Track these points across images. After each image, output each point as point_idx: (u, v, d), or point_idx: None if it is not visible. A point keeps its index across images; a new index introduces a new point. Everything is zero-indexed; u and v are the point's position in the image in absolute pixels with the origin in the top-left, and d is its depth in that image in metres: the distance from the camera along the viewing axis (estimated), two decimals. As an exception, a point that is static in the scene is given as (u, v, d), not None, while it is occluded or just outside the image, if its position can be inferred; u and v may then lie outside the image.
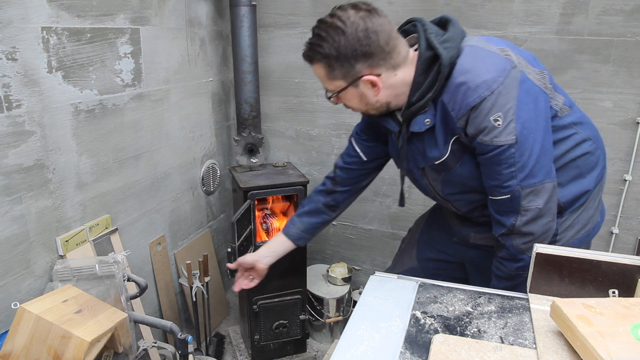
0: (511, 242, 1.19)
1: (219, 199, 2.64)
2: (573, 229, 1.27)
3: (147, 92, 1.95)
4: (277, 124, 2.64)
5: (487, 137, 1.08)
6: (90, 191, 1.72)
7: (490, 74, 1.06)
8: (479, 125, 1.08)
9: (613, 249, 2.20)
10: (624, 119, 2.03)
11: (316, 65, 1.17)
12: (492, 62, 1.08)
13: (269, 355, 2.31)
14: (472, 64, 1.09)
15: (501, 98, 1.05)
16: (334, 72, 1.15)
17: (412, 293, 1.09)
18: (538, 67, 1.17)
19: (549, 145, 1.14)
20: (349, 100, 1.22)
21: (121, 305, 1.46)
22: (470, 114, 1.08)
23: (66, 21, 1.54)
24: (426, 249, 1.59)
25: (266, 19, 2.46)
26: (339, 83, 1.17)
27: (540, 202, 1.13)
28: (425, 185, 1.35)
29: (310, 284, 2.40)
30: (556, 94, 1.19)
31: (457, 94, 1.09)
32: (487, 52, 1.11)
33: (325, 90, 1.23)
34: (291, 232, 1.59)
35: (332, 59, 1.12)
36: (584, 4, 1.95)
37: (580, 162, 1.23)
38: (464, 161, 1.19)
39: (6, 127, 1.39)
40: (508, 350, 0.87)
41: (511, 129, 1.06)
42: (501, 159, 1.10)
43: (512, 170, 1.10)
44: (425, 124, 1.17)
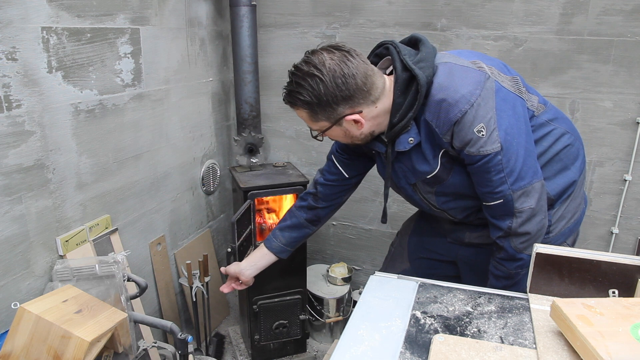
0: (509, 244, 1.22)
1: (219, 199, 2.64)
2: (564, 219, 1.32)
3: (147, 92, 1.95)
4: (277, 124, 2.64)
5: (473, 149, 1.12)
6: (90, 191, 1.72)
7: (466, 88, 1.10)
8: (464, 138, 1.12)
9: (613, 249, 2.20)
10: (624, 119, 2.03)
11: (298, 110, 1.21)
12: (466, 76, 1.12)
13: (269, 355, 2.32)
14: (448, 81, 1.12)
15: (481, 109, 1.09)
16: (317, 115, 1.18)
17: (412, 293, 1.09)
18: (509, 73, 1.21)
19: (531, 147, 1.18)
20: (334, 137, 1.26)
21: (121, 305, 1.46)
22: (454, 129, 1.12)
23: (66, 21, 1.54)
24: (417, 250, 1.61)
25: (266, 19, 2.46)
26: (323, 124, 1.21)
27: (532, 202, 1.17)
28: (419, 200, 1.38)
29: (310, 284, 2.40)
30: (530, 95, 1.23)
31: (439, 110, 1.12)
32: (461, 67, 1.14)
33: (310, 129, 1.27)
34: (273, 246, 1.62)
35: (314, 105, 1.16)
36: (584, 4, 1.95)
37: (562, 155, 1.28)
38: (455, 172, 1.23)
39: (6, 127, 1.39)
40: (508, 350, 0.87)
41: (495, 137, 1.10)
42: (489, 166, 1.13)
43: (501, 176, 1.14)
44: (409, 143, 1.21)
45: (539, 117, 1.24)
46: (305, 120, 1.23)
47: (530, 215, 1.18)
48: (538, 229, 1.20)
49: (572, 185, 1.30)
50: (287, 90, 1.21)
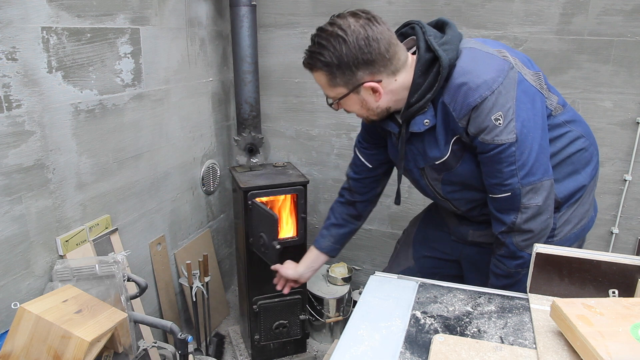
0: (511, 240, 1.20)
1: (219, 199, 2.64)
2: (570, 223, 1.30)
3: (147, 92, 1.95)
4: (277, 124, 2.64)
5: (488, 136, 1.10)
6: (90, 191, 1.72)
7: (489, 75, 1.08)
8: (481, 125, 1.10)
9: (613, 249, 2.20)
10: (624, 119, 2.03)
11: (317, 72, 1.18)
12: (490, 63, 1.11)
13: (269, 355, 2.31)
14: (471, 66, 1.11)
15: (501, 98, 1.07)
16: (336, 79, 1.16)
17: (412, 293, 1.09)
18: (533, 68, 1.19)
19: (546, 143, 1.16)
20: (350, 107, 1.23)
21: (121, 305, 1.46)
22: (471, 114, 1.10)
23: (66, 21, 1.54)
24: (422, 248, 1.60)
25: (266, 19, 2.46)
26: (340, 90, 1.18)
27: (539, 199, 1.15)
28: (424, 185, 1.36)
29: (310, 284, 2.40)
30: (550, 94, 1.22)
31: (458, 94, 1.10)
32: (485, 54, 1.13)
33: (325, 97, 1.24)
34: (323, 246, 1.63)
35: (334, 67, 1.13)
36: (584, 4, 1.95)
37: (575, 159, 1.26)
38: (464, 160, 1.20)
39: (6, 127, 1.39)
40: (508, 350, 0.87)
41: (512, 127, 1.08)
42: (502, 157, 1.11)
43: (512, 169, 1.12)
44: (424, 125, 1.19)
45: (556, 117, 1.22)
46: (322, 86, 1.21)
47: (535, 213, 1.16)
48: (542, 228, 1.19)
49: (581, 189, 1.28)
50: (308, 52, 1.17)
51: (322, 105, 2.50)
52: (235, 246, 2.78)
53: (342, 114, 2.46)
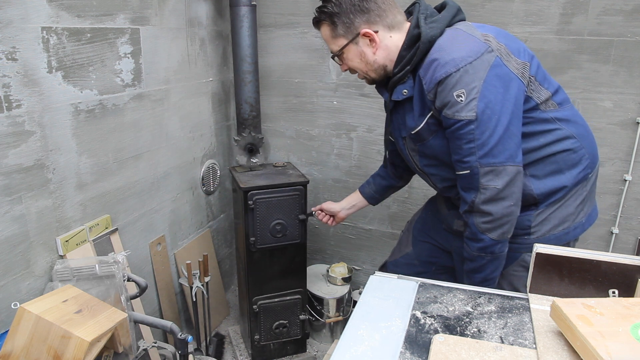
0: (472, 220, 1.24)
1: (219, 199, 2.64)
2: (549, 223, 1.29)
3: (147, 92, 1.95)
4: (277, 124, 2.64)
5: (449, 111, 1.16)
6: (90, 191, 1.72)
7: (460, 53, 1.14)
8: (444, 99, 1.16)
9: (613, 249, 2.20)
10: (624, 119, 2.03)
11: (322, 27, 1.32)
12: (466, 43, 1.16)
13: (269, 355, 2.31)
14: (447, 44, 1.18)
15: (467, 76, 1.13)
16: (337, 29, 1.29)
17: (412, 293, 1.09)
18: (522, 58, 1.20)
19: (516, 130, 1.17)
20: (351, 60, 1.33)
21: (121, 305, 1.46)
22: (437, 88, 1.17)
23: (66, 21, 1.54)
24: (420, 235, 1.67)
25: (266, 19, 2.46)
26: (341, 41, 1.30)
27: (499, 183, 1.17)
28: (406, 155, 1.44)
29: (310, 284, 2.40)
30: (540, 87, 1.22)
31: (429, 69, 1.18)
32: (466, 35, 1.19)
33: (332, 55, 1.36)
34: (366, 191, 1.81)
35: (335, 16, 1.27)
36: (584, 4, 1.95)
37: (559, 158, 1.25)
38: (437, 135, 1.27)
39: (6, 127, 1.39)
40: (508, 350, 0.87)
41: (472, 106, 1.13)
42: (461, 133, 1.17)
43: (471, 147, 1.16)
44: (402, 94, 1.28)
45: (544, 112, 1.23)
46: (327, 41, 1.34)
47: (494, 196, 1.17)
48: (503, 215, 1.19)
49: (562, 189, 1.27)
50: (316, 9, 1.32)
51: (322, 105, 2.50)
52: (235, 246, 2.78)
53: (342, 113, 2.46)
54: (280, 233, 2.09)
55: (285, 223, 2.09)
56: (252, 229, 2.06)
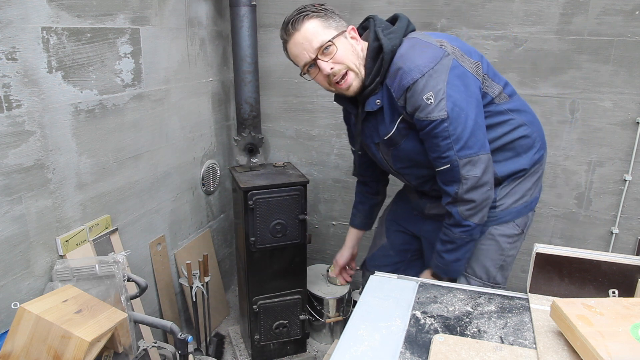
0: (456, 210, 1.32)
1: (219, 199, 2.64)
2: (512, 197, 1.41)
3: (147, 92, 1.95)
4: (277, 124, 2.64)
5: (422, 114, 1.24)
6: (90, 191, 1.72)
7: (422, 60, 1.24)
8: (415, 104, 1.25)
9: (613, 249, 2.20)
10: (624, 119, 2.03)
11: (310, 20, 1.30)
12: (425, 50, 1.26)
13: (269, 355, 2.31)
14: (408, 52, 1.28)
15: (432, 80, 1.22)
16: (328, 21, 1.31)
17: (412, 293, 1.09)
18: (474, 58, 1.33)
19: (482, 122, 1.29)
20: (343, 51, 1.32)
21: (121, 305, 1.46)
22: (406, 94, 1.25)
23: (66, 21, 1.54)
24: (391, 225, 1.75)
25: (266, 19, 2.46)
26: (332, 32, 1.31)
27: (477, 171, 1.27)
28: (380, 159, 1.51)
29: (310, 284, 2.40)
30: (492, 82, 1.35)
31: (396, 77, 1.27)
32: (423, 42, 1.29)
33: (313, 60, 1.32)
34: (356, 223, 1.87)
35: (327, 12, 1.32)
36: (584, 4, 1.95)
37: (516, 144, 1.39)
38: (408, 138, 1.34)
39: (6, 127, 1.39)
40: (508, 350, 0.87)
41: (442, 106, 1.22)
42: (437, 132, 1.25)
43: (448, 142, 1.25)
44: (376, 104, 1.35)
45: (499, 105, 1.35)
46: (313, 35, 1.30)
47: (475, 184, 1.28)
48: (483, 199, 1.31)
49: (521, 171, 1.41)
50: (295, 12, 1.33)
51: (322, 105, 2.50)
52: (235, 246, 2.77)
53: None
54: (280, 233, 2.09)
55: (285, 223, 2.09)
56: (252, 229, 2.06)
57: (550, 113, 2.12)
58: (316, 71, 1.34)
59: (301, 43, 1.31)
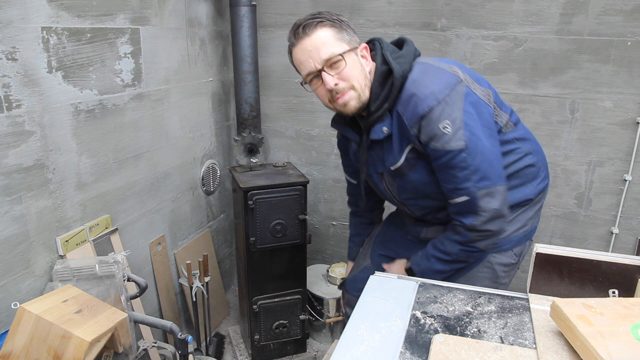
0: (468, 236, 1.26)
1: (219, 199, 2.64)
2: (514, 225, 1.36)
3: (147, 92, 1.95)
4: (277, 124, 2.64)
5: (438, 144, 1.17)
6: (90, 191, 1.72)
7: (437, 86, 1.17)
8: (430, 133, 1.17)
9: (613, 249, 2.20)
10: (624, 119, 2.03)
11: (323, 28, 1.22)
12: (439, 76, 1.20)
13: (269, 355, 2.31)
14: (421, 78, 1.20)
15: (448, 107, 1.15)
16: (342, 33, 1.23)
17: (412, 293, 1.09)
18: (484, 86, 1.27)
19: (498, 151, 1.23)
20: (352, 68, 1.23)
21: (121, 305, 1.46)
22: (421, 123, 1.18)
23: (66, 21, 1.54)
24: (379, 248, 1.68)
25: (266, 19, 2.46)
26: (344, 46, 1.23)
27: (496, 203, 1.20)
28: (383, 189, 1.44)
29: (310, 284, 2.40)
30: (501, 111, 1.29)
31: (409, 104, 1.19)
32: (436, 68, 1.23)
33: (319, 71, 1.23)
34: (354, 256, 1.78)
35: (342, 23, 1.23)
36: (584, 4, 1.95)
37: (522, 174, 1.34)
38: (417, 169, 1.26)
39: (6, 127, 1.39)
40: (508, 350, 0.87)
41: (460, 135, 1.15)
42: (454, 163, 1.18)
43: (466, 173, 1.18)
44: (383, 132, 1.27)
45: (506, 134, 1.29)
46: (325, 44, 1.21)
47: (493, 216, 1.22)
48: (499, 230, 1.25)
49: (527, 201, 1.36)
50: (309, 16, 1.24)
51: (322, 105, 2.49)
52: (235, 246, 2.77)
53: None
54: (280, 233, 2.09)
55: (285, 223, 2.09)
56: (252, 229, 2.06)
57: (550, 113, 2.12)
58: (319, 83, 1.26)
59: (309, 50, 1.22)
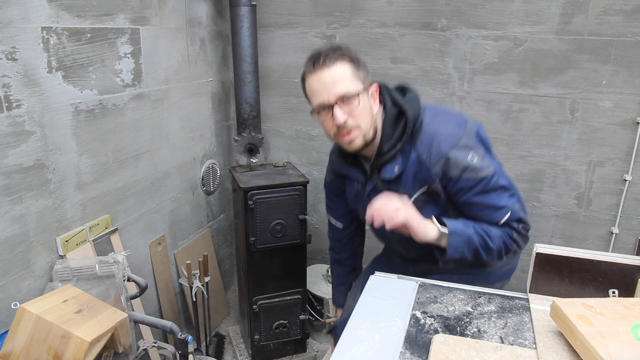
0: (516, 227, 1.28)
1: (219, 199, 2.64)
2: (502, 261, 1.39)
3: (147, 92, 1.95)
4: (277, 124, 2.64)
5: (471, 174, 1.23)
6: (90, 191, 1.72)
7: (453, 125, 1.24)
8: (461, 166, 1.22)
9: (613, 249, 2.20)
10: (624, 119, 2.03)
11: (342, 63, 1.21)
12: (452, 117, 1.28)
13: (269, 355, 2.31)
14: (437, 119, 1.27)
15: (469, 141, 1.23)
16: (359, 72, 1.24)
17: (412, 293, 1.09)
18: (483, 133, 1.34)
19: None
20: (363, 110, 1.24)
21: (121, 305, 1.46)
22: (447, 160, 1.22)
23: (66, 21, 1.54)
24: None
25: (266, 19, 2.46)
26: (360, 86, 1.23)
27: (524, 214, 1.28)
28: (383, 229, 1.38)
29: (310, 284, 2.40)
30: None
31: (431, 145, 1.24)
32: (446, 109, 1.32)
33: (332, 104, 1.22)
34: (341, 303, 1.78)
35: (359, 61, 1.25)
36: (584, 4, 1.95)
37: None
38: (423, 211, 1.26)
39: (6, 127, 1.39)
40: (508, 350, 0.87)
41: (487, 163, 1.24)
42: (490, 187, 1.25)
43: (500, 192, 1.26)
44: (394, 172, 1.29)
45: None
46: (343, 79, 1.21)
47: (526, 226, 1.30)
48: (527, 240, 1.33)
49: None
50: (319, 50, 1.24)
51: (322, 105, 2.49)
52: (235, 246, 2.78)
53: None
54: (280, 233, 2.09)
55: (285, 223, 2.09)
56: (252, 229, 2.06)
57: (550, 113, 2.12)
58: (328, 115, 1.25)
59: (326, 82, 1.20)
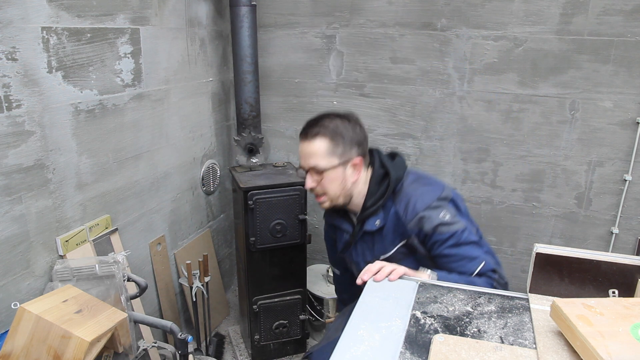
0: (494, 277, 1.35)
1: (219, 199, 2.64)
2: None
3: (147, 92, 1.95)
4: (277, 124, 2.64)
5: (444, 229, 1.34)
6: (90, 191, 1.72)
7: (430, 188, 1.39)
8: (434, 223, 1.34)
9: (613, 249, 2.20)
10: (624, 119, 2.03)
11: (318, 139, 1.39)
12: (430, 181, 1.45)
13: (269, 355, 2.31)
14: (417, 182, 1.43)
15: (443, 203, 1.36)
16: (336, 148, 1.39)
17: (412, 293, 1.09)
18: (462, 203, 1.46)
19: None
20: (331, 181, 1.42)
21: (121, 305, 1.46)
22: (420, 218, 1.35)
23: (66, 21, 1.54)
24: None
25: (266, 19, 2.46)
26: (335, 161, 1.40)
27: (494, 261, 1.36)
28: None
29: (310, 284, 2.40)
30: None
31: (408, 203, 1.38)
32: (428, 176, 1.49)
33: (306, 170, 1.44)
34: None
35: (339, 137, 1.39)
36: (584, 4, 1.95)
37: None
38: (404, 261, 1.36)
39: (6, 127, 1.39)
40: (508, 350, 0.87)
41: (457, 219, 1.35)
42: (462, 240, 1.35)
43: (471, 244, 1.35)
44: (375, 225, 1.44)
45: None
46: (316, 154, 1.40)
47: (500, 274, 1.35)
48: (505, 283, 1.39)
49: None
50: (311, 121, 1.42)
51: (321, 105, 2.50)
52: (235, 246, 2.78)
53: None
54: (280, 233, 2.10)
55: (285, 223, 2.09)
56: (252, 229, 2.06)
57: (550, 113, 2.12)
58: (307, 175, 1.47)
59: (304, 152, 1.43)
